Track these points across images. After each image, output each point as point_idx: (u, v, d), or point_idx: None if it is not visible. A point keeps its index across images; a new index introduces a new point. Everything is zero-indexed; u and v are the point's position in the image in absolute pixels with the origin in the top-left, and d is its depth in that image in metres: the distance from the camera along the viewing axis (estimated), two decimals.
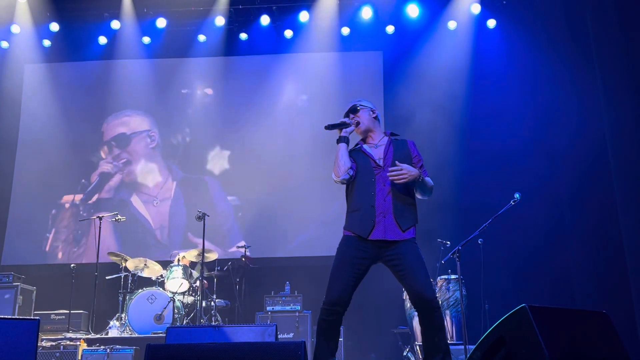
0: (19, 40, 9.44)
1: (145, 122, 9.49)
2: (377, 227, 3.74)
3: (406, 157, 3.89)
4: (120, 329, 7.23)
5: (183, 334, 3.51)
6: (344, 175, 3.86)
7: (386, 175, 3.75)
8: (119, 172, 9.29)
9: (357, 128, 3.99)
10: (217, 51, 9.51)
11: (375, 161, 3.88)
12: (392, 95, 9.16)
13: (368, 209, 3.78)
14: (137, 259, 7.71)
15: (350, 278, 3.75)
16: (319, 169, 9.02)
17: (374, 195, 3.78)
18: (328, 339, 3.67)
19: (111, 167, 9.30)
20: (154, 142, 9.40)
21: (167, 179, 9.28)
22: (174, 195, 9.19)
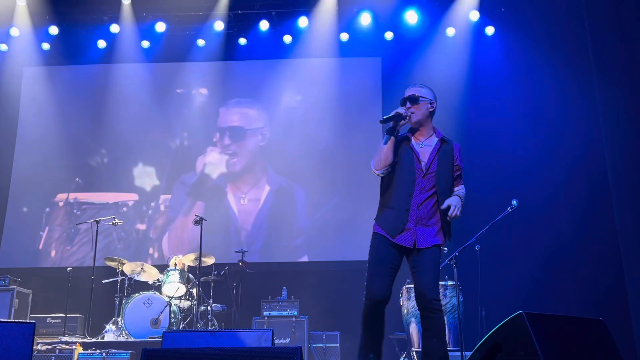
0: (18, 43, 9.44)
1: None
2: (406, 233, 3.76)
3: (449, 165, 3.87)
4: (116, 333, 7.22)
5: (179, 339, 3.51)
6: (382, 170, 3.79)
7: (425, 182, 3.77)
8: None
9: (410, 120, 3.84)
10: (216, 56, 9.52)
11: (420, 161, 3.82)
12: (391, 102, 9.17)
13: (402, 211, 3.77)
14: (134, 263, 7.70)
15: (389, 273, 3.77)
16: (317, 173, 9.05)
17: (410, 198, 3.76)
18: (374, 334, 3.78)
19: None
20: (264, 140, 9.39)
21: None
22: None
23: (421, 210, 3.75)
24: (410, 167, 3.78)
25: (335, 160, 9.11)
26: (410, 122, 3.87)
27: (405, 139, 3.88)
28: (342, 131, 9.21)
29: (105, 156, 9.42)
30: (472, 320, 6.64)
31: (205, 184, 9.24)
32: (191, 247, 8.56)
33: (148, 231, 9.09)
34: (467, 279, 6.56)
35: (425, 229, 3.77)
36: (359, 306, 8.05)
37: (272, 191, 9.09)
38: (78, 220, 8.92)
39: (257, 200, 9.09)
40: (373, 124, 9.14)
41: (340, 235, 8.82)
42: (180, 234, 9.01)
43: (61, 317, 7.63)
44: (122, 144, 9.42)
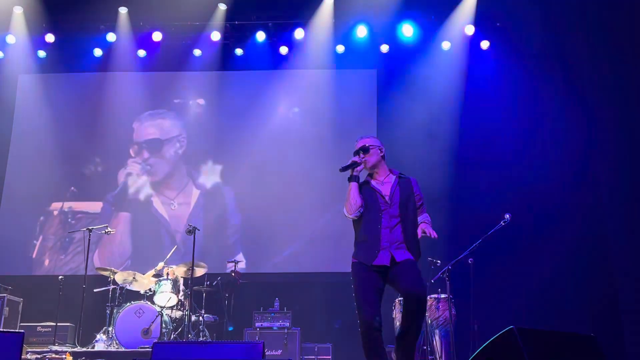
0: (14, 51, 9.44)
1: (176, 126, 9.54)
2: (382, 252, 4.07)
3: (410, 196, 4.21)
4: (106, 343, 7.16)
5: (169, 350, 3.48)
6: (355, 212, 4.16)
7: (392, 211, 4.11)
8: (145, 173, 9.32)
9: (366, 165, 4.28)
10: (212, 66, 9.55)
11: (383, 197, 4.17)
12: (386, 114, 9.21)
13: (374, 240, 4.11)
14: (126, 272, 7.66)
15: (375, 298, 4.05)
16: (310, 184, 9.06)
17: (379, 229, 4.10)
18: (379, 356, 3.92)
19: (139, 168, 9.30)
20: (182, 148, 9.40)
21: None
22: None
23: (393, 234, 4.10)
24: (376, 203, 4.16)
25: (330, 173, 9.10)
26: (367, 168, 4.30)
27: (365, 183, 4.29)
28: (336, 142, 9.21)
29: (99, 165, 9.40)
30: (464, 333, 6.62)
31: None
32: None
33: (144, 239, 9.06)
34: (460, 292, 6.56)
35: (399, 250, 4.08)
36: (352, 318, 8.03)
37: (262, 199, 9.08)
38: (73, 229, 8.87)
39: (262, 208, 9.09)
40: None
41: (332, 247, 8.79)
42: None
43: (52, 325, 7.56)
44: (117, 153, 9.41)
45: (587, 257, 8.04)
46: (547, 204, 8.37)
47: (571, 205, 8.28)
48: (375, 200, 4.16)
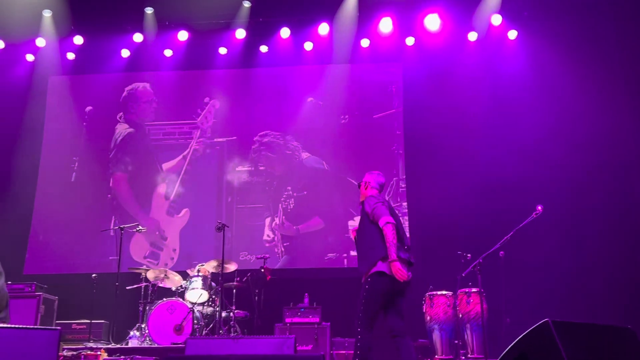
0: (44, 53, 9.62)
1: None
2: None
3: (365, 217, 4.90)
4: (140, 339, 7.26)
5: (202, 345, 3.51)
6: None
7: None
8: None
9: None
10: (237, 63, 9.59)
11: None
12: (412, 107, 9.15)
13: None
14: (158, 270, 7.75)
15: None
16: (339, 179, 9.04)
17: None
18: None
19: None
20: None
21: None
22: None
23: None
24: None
25: (355, 168, 9.08)
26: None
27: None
28: (363, 137, 9.19)
29: (129, 164, 9.52)
30: (496, 327, 6.55)
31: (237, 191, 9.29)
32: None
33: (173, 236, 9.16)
34: (491, 285, 6.48)
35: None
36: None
37: (289, 196, 9.09)
38: (104, 227, 9.01)
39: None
40: (394, 131, 9.12)
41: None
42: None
43: (86, 323, 7.70)
44: (146, 152, 9.53)
45: (621, 248, 7.88)
46: (579, 194, 8.22)
47: (605, 194, 8.12)
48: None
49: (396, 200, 8.86)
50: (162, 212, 9.30)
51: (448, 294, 6.74)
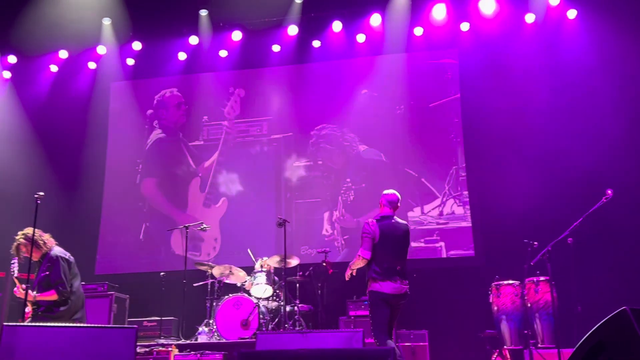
0: (105, 60, 9.95)
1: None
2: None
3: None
4: (208, 335, 7.43)
5: (271, 340, 3.57)
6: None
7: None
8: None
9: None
10: (291, 60, 9.65)
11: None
12: (470, 93, 8.98)
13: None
14: (223, 266, 7.90)
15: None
16: (397, 170, 8.97)
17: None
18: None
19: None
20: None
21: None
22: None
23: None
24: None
25: (413, 158, 8.99)
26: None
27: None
28: (420, 127, 9.09)
29: (190, 165, 9.75)
30: (567, 316, 6.37)
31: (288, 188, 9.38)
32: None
33: (235, 234, 9.32)
34: (560, 273, 6.30)
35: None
36: (448, 305, 7.93)
37: (348, 189, 9.09)
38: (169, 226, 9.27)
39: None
40: (452, 119, 8.97)
41: (420, 233, 8.70)
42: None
43: (157, 320, 7.95)
44: (205, 152, 9.73)
45: None
46: None
47: None
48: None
49: (456, 189, 8.73)
50: (199, 204, 9.48)
51: (515, 283, 6.60)
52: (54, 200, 8.81)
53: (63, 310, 5.15)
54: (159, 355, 6.48)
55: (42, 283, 5.15)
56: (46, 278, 5.14)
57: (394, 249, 5.30)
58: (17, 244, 5.31)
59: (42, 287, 5.14)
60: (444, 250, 8.60)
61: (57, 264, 5.20)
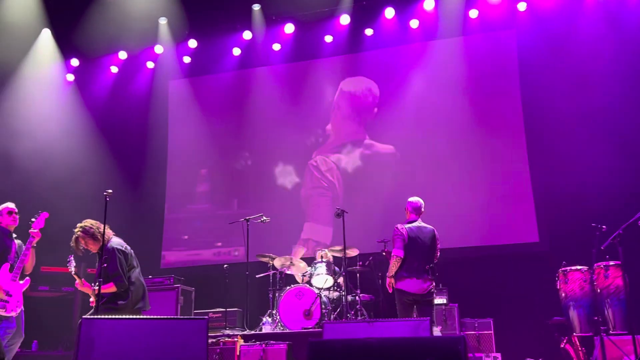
0: (162, 59, 10.19)
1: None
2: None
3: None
4: (272, 325, 7.54)
5: (338, 329, 3.60)
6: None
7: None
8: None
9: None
10: (344, 49, 9.63)
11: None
12: (529, 75, 8.73)
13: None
14: (283, 258, 7.99)
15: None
16: (456, 159, 8.83)
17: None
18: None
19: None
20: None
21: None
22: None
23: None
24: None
25: (475, 145, 8.82)
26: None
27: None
28: (479, 110, 8.90)
29: (248, 159, 9.89)
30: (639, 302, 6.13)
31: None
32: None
33: (293, 225, 9.41)
34: (631, 258, 6.07)
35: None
36: (512, 292, 7.77)
37: (406, 177, 9.01)
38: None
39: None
40: (511, 102, 8.75)
41: (481, 221, 8.53)
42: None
43: (222, 311, 8.12)
44: (263, 146, 9.84)
45: None
46: None
47: None
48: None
49: (519, 172, 8.51)
50: (257, 198, 9.64)
51: (583, 268, 6.41)
52: (119, 197, 9.07)
53: (124, 303, 5.23)
54: (226, 345, 6.60)
55: (101, 275, 5.28)
56: (104, 270, 5.19)
57: (422, 250, 5.79)
58: (75, 236, 5.38)
59: (103, 278, 5.26)
60: (506, 236, 8.42)
61: (113, 256, 5.25)
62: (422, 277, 5.61)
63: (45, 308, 8.54)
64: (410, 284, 5.59)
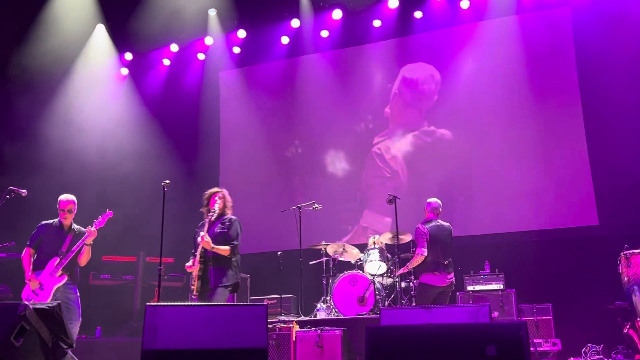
0: (212, 51, 10.32)
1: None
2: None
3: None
4: (327, 311, 7.59)
5: (396, 315, 3.59)
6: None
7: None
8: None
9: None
10: (393, 33, 9.52)
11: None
12: (585, 53, 8.44)
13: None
14: (336, 244, 8.02)
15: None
16: (512, 142, 8.65)
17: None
18: None
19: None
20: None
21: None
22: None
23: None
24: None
25: (529, 127, 8.60)
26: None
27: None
28: (533, 94, 8.67)
29: (298, 147, 9.94)
30: None
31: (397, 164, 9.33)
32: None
33: (344, 212, 9.42)
34: None
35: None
36: (571, 276, 7.57)
37: (462, 162, 8.88)
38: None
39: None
40: (567, 81, 8.49)
41: (534, 204, 8.34)
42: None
43: (277, 298, 8.22)
44: (313, 133, 9.87)
45: None
46: None
47: None
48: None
49: (576, 153, 8.28)
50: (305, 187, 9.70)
51: None
52: (175, 187, 9.31)
53: (232, 272, 5.49)
54: (281, 331, 6.68)
55: (217, 238, 5.45)
56: (223, 235, 5.48)
57: (442, 246, 6.25)
58: (218, 193, 5.75)
59: (217, 242, 5.44)
60: (565, 220, 8.20)
61: (235, 225, 5.61)
62: (441, 271, 6.16)
63: (107, 296, 8.87)
64: (435, 278, 6.16)
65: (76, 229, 5.90)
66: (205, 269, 5.39)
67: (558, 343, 6.91)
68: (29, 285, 5.63)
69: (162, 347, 3.33)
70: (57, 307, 3.95)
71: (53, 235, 5.81)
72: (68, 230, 5.87)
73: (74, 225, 5.92)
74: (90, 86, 9.83)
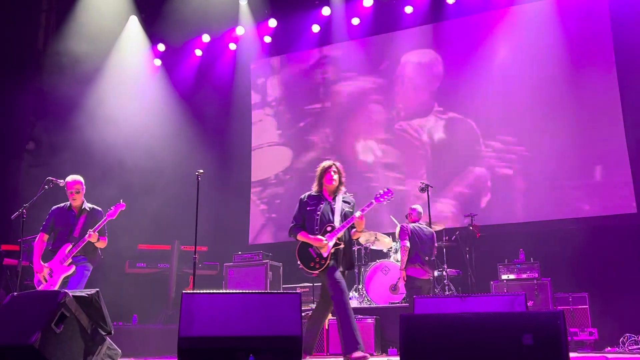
0: (244, 41, 10.36)
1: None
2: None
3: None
4: (359, 299, 7.61)
5: (430, 304, 3.58)
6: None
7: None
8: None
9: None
10: (425, 19, 9.41)
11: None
12: (623, 36, 8.20)
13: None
14: (368, 233, 8.01)
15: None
16: (544, 126, 8.50)
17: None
18: None
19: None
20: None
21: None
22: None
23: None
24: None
25: (565, 114, 8.42)
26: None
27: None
28: (570, 79, 8.48)
29: (330, 135, 9.93)
30: None
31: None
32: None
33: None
34: None
35: None
36: (607, 266, 7.43)
37: (495, 150, 8.76)
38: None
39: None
40: (605, 66, 8.27)
41: (574, 191, 8.19)
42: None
43: (309, 286, 8.26)
44: (344, 122, 9.84)
45: None
46: None
47: None
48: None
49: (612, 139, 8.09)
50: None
51: None
52: (208, 177, 9.42)
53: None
54: None
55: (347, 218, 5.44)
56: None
57: (422, 244, 6.64)
58: (332, 167, 5.65)
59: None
60: (602, 207, 8.04)
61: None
62: (426, 265, 6.61)
63: (143, 284, 9.03)
64: (416, 271, 6.56)
65: (88, 207, 5.80)
66: (338, 250, 5.29)
67: (595, 332, 6.81)
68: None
69: (197, 334, 3.39)
70: (95, 295, 4.06)
71: (64, 218, 5.74)
72: (80, 211, 5.77)
73: (85, 204, 5.80)
74: (124, 78, 9.96)
